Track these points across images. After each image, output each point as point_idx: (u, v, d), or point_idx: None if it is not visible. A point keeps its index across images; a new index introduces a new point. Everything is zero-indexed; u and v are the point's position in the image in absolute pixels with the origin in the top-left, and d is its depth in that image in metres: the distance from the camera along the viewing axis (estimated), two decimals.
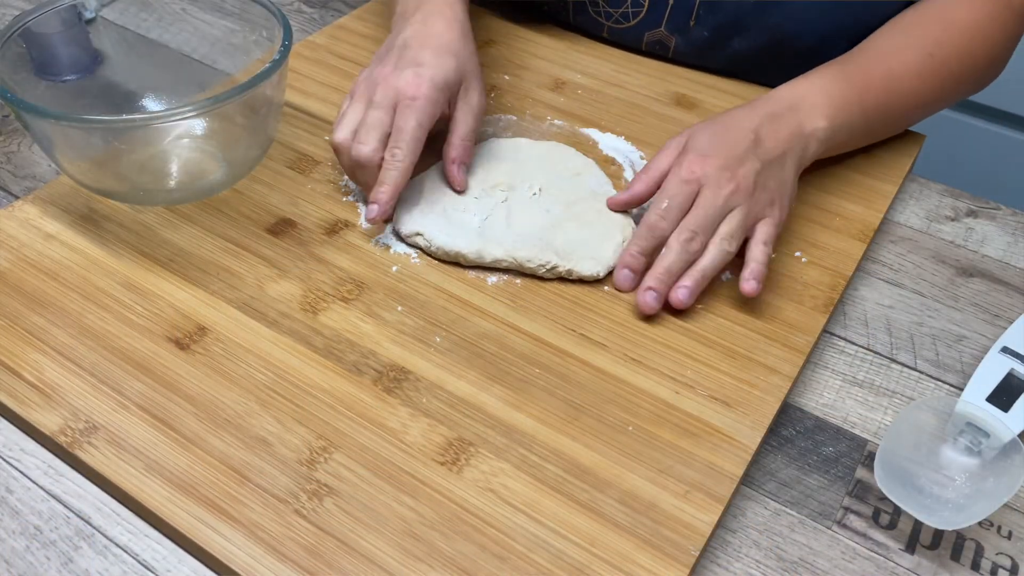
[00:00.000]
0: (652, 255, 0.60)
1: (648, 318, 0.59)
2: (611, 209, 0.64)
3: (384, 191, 0.61)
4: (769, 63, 0.78)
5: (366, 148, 0.61)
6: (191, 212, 0.65)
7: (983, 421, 0.52)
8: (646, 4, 0.80)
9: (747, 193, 0.59)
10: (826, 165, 0.72)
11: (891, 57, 0.68)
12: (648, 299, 0.58)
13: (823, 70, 0.67)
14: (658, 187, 0.62)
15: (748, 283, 0.58)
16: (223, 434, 0.51)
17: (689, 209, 0.59)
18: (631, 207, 0.64)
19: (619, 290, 0.60)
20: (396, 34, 0.67)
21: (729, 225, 0.59)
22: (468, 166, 0.66)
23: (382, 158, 0.61)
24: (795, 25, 0.76)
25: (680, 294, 0.58)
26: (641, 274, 0.60)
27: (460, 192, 0.65)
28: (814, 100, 0.65)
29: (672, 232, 0.59)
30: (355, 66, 0.81)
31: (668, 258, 0.58)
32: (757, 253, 0.59)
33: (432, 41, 0.65)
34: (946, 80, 0.70)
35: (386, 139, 0.62)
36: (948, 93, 0.71)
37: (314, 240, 0.64)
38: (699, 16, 0.79)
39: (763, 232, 0.60)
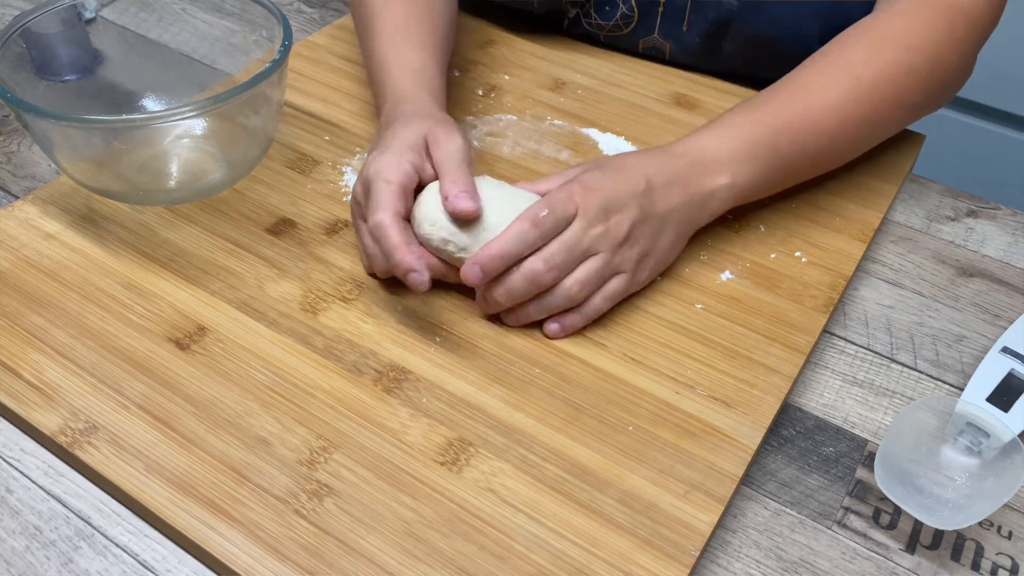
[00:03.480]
0: (513, 261, 0.55)
1: (648, 318, 0.59)
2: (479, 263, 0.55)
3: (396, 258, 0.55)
4: (762, 66, 0.78)
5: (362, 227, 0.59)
6: (191, 212, 0.65)
7: (983, 421, 0.52)
8: (635, 16, 0.80)
9: (614, 242, 0.56)
10: None
11: (810, 90, 0.63)
12: (482, 305, 0.57)
13: (731, 117, 0.63)
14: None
15: (550, 326, 0.57)
16: (223, 434, 0.51)
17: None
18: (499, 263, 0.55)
19: (465, 281, 0.55)
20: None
21: (585, 270, 0.56)
22: (469, 192, 0.56)
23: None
24: (776, 29, 0.76)
25: (521, 318, 0.57)
26: (489, 276, 0.55)
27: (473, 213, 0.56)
28: (716, 154, 0.60)
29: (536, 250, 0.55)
30: (355, 66, 0.81)
31: (514, 282, 0.55)
32: (596, 301, 0.57)
33: (390, 134, 0.60)
34: (883, 100, 0.64)
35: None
36: (892, 112, 0.65)
37: (314, 240, 0.64)
38: (690, 20, 0.79)
39: (612, 286, 0.57)
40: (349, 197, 0.67)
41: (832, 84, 0.63)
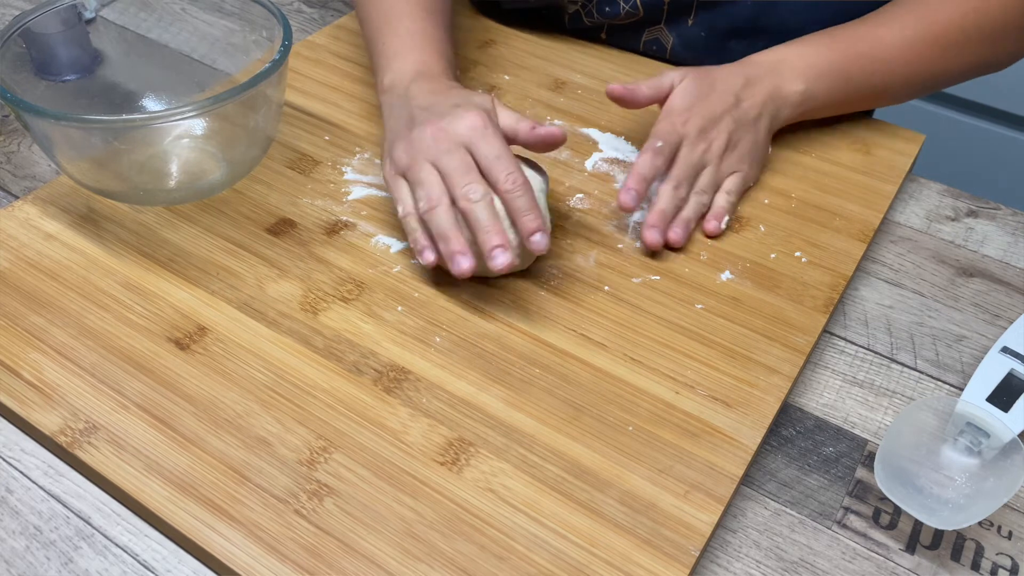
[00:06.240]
0: (649, 183, 0.65)
1: (648, 318, 0.59)
2: (611, 93, 0.68)
3: (532, 218, 0.56)
4: None
5: (478, 191, 0.56)
6: (191, 212, 0.65)
7: (983, 421, 0.52)
8: (641, 12, 0.80)
9: (718, 153, 0.67)
10: (826, 164, 0.72)
11: (885, 27, 0.71)
12: (653, 236, 0.64)
13: (808, 37, 0.72)
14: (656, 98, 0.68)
15: (709, 223, 0.66)
16: (223, 434, 0.51)
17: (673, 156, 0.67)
18: (631, 103, 0.69)
19: (623, 208, 0.63)
20: (405, 105, 0.63)
21: (703, 180, 0.67)
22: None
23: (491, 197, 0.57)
24: (794, 28, 0.75)
25: (674, 234, 0.64)
26: (640, 200, 0.64)
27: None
28: (793, 63, 0.70)
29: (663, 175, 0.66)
30: (355, 66, 0.81)
31: (662, 202, 0.65)
32: (720, 200, 0.67)
33: (451, 90, 0.63)
34: (949, 49, 0.70)
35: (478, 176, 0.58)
36: (956, 61, 0.72)
37: (314, 240, 0.64)
38: (697, 15, 0.79)
39: (729, 183, 0.68)
40: (349, 197, 0.67)
41: (906, 24, 0.70)
